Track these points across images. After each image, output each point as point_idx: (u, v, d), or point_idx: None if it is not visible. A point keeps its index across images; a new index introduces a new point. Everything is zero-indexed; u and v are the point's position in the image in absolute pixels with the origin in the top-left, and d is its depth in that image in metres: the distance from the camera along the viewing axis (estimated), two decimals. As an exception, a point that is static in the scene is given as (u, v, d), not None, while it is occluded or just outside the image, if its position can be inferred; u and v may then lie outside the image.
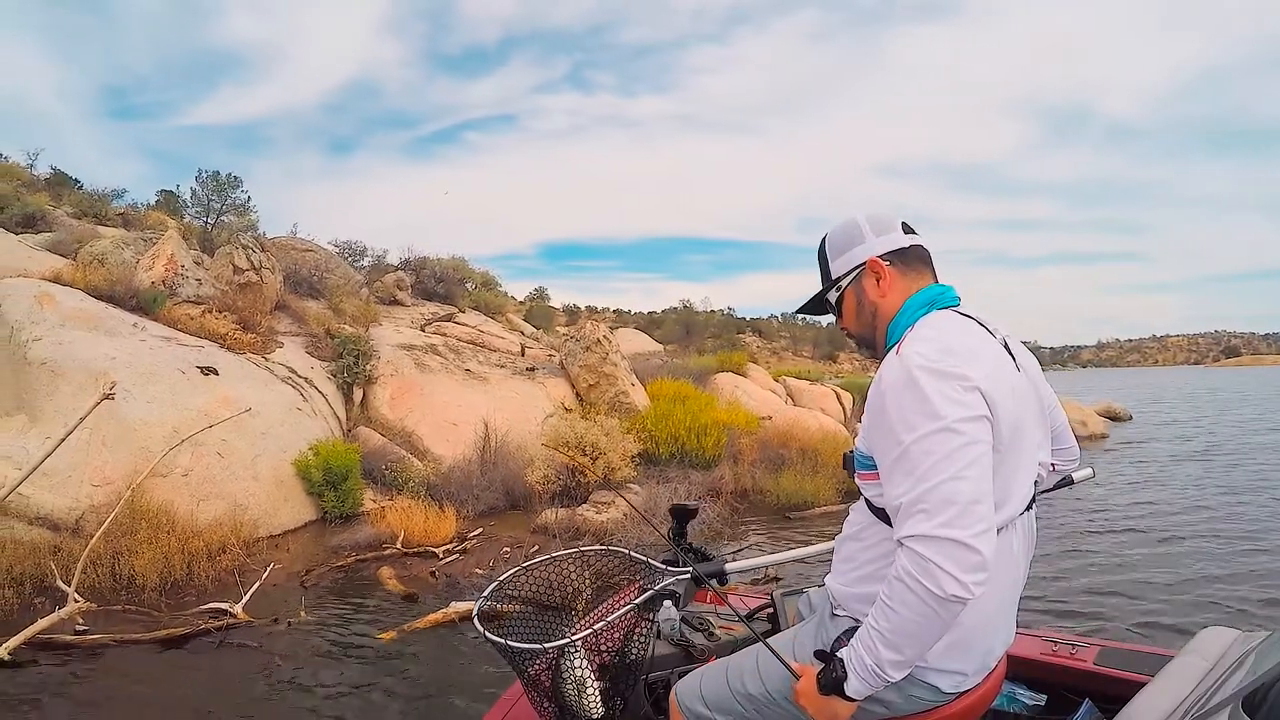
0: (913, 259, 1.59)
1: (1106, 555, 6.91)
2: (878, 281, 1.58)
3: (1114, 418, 20.15)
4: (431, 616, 5.24)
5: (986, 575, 1.24)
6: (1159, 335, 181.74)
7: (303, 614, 5.51)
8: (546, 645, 1.82)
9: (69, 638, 4.92)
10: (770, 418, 12.44)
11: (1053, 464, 1.68)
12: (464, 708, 4.07)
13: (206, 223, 22.34)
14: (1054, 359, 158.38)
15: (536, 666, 1.90)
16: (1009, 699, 2.10)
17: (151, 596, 5.72)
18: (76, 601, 5.11)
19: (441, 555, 6.92)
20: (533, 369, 12.51)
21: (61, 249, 11.71)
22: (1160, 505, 9.09)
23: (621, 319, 77.01)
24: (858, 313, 1.63)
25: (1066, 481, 2.02)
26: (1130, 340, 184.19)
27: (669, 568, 2.15)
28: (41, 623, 4.80)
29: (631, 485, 8.89)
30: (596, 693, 1.86)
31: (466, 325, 14.31)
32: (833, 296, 1.66)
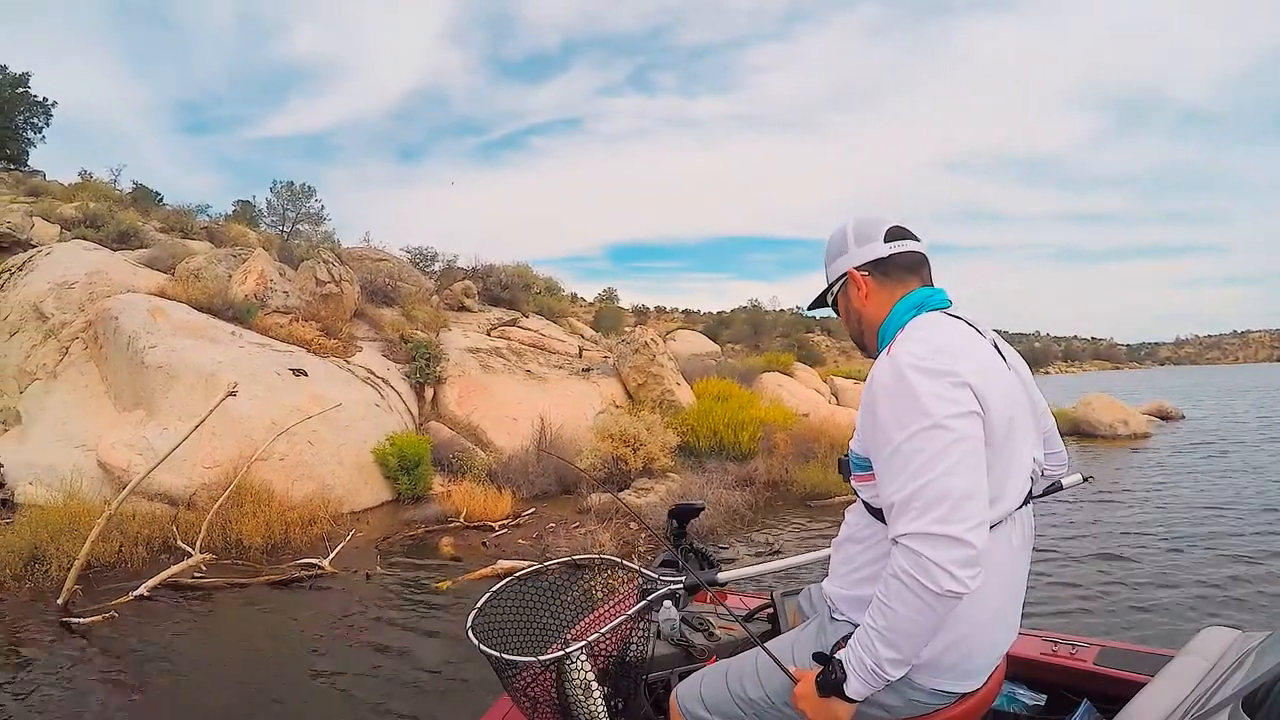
0: (893, 268, 1.60)
1: (1108, 554, 6.90)
2: (859, 291, 1.63)
3: (1165, 417, 19.68)
4: (481, 571, 6.24)
5: (979, 569, 1.27)
6: (1239, 331, 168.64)
7: (378, 568, 6.59)
8: (542, 658, 1.83)
9: (190, 581, 6.11)
10: (808, 415, 13.17)
11: (1042, 469, 1.69)
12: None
13: (283, 231, 23.80)
14: (1131, 357, 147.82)
15: (530, 676, 1.89)
16: (1009, 699, 2.11)
17: (255, 555, 6.92)
18: (200, 555, 6.30)
19: (497, 529, 7.94)
20: (588, 369, 13.50)
21: (158, 264, 13.06)
22: (1170, 505, 9.06)
23: (690, 319, 77.29)
24: (847, 317, 1.69)
25: (1056, 487, 1.96)
26: (1210, 336, 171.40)
27: (663, 575, 2.16)
28: (174, 568, 6.01)
29: (670, 474, 9.77)
30: (601, 699, 1.87)
31: (529, 329, 15.38)
32: (829, 299, 1.74)
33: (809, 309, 1.85)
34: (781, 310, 71.42)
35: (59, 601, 5.48)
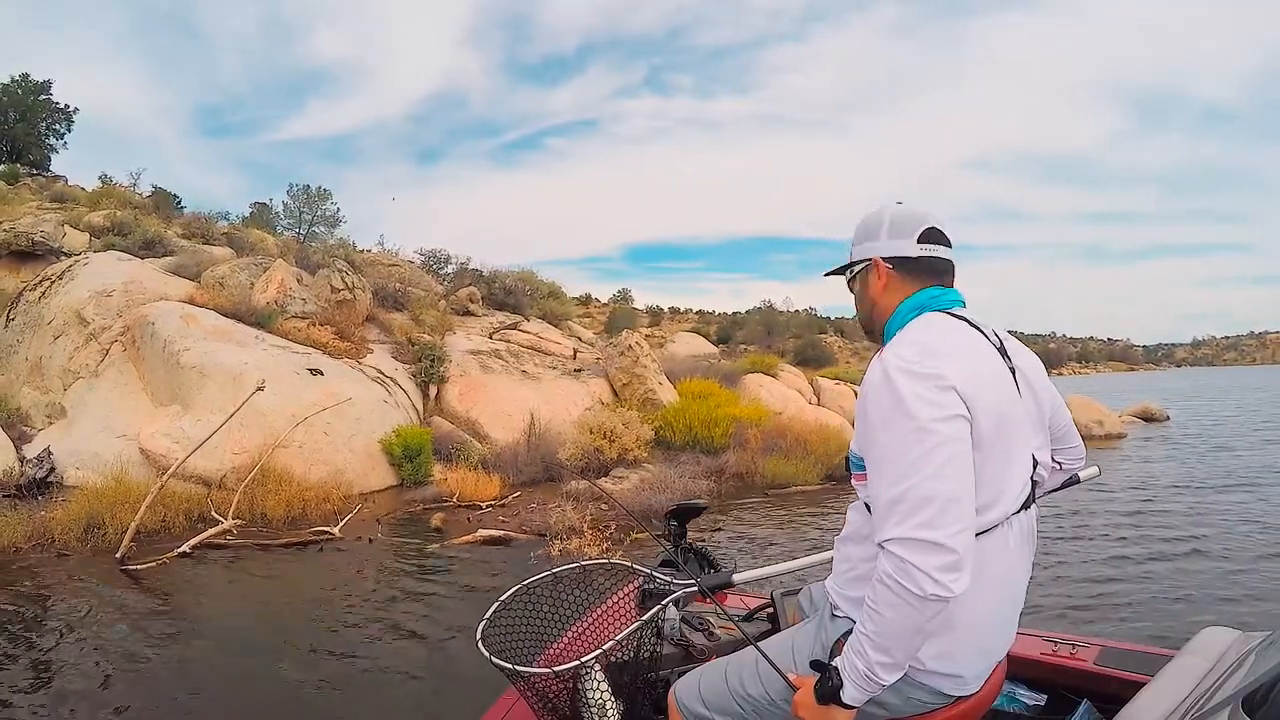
0: (921, 269, 1.59)
1: (1104, 554, 6.90)
2: (878, 280, 1.61)
3: (1149, 419, 20.36)
4: (465, 537, 7.42)
5: (962, 574, 1.27)
6: (1257, 332, 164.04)
7: (379, 535, 7.80)
8: (556, 669, 1.82)
9: (223, 542, 7.36)
10: (781, 413, 14.24)
11: (1059, 463, 1.69)
12: (486, 594, 6.03)
13: (299, 233, 24.54)
14: (1147, 358, 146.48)
15: (538, 682, 1.90)
16: (1009, 699, 2.11)
17: (277, 524, 8.14)
18: (231, 520, 7.58)
19: (483, 507, 9.11)
20: (579, 370, 14.64)
21: (184, 271, 14.10)
22: (1163, 504, 9.23)
23: (704, 320, 77.75)
24: (860, 300, 1.68)
25: (1073, 480, 1.95)
26: (1227, 338, 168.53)
27: (673, 579, 2.17)
28: (210, 531, 7.29)
29: (645, 464, 10.87)
30: (618, 714, 1.88)
31: (528, 333, 16.50)
32: (848, 276, 1.72)
33: (826, 274, 1.83)
34: (795, 311, 71.82)
35: (117, 556, 6.71)
